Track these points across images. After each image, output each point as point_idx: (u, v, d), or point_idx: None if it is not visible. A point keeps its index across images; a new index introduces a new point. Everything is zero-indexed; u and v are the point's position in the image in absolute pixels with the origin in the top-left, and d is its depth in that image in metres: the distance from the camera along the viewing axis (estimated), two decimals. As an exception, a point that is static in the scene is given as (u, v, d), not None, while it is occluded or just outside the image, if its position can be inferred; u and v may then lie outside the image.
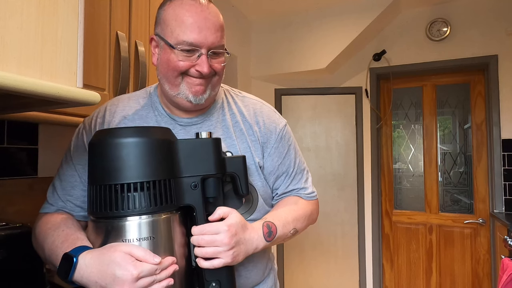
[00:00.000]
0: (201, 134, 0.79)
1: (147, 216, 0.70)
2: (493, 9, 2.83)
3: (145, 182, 0.69)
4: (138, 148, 0.70)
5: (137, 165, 0.69)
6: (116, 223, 0.70)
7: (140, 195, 0.69)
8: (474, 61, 2.88)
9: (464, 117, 3.09)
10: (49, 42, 0.61)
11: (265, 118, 0.94)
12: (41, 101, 0.69)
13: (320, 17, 3.08)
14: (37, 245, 0.83)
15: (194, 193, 0.76)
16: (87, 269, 0.66)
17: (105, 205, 0.69)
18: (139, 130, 0.73)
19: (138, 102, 0.92)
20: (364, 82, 3.24)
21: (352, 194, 3.26)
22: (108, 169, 0.69)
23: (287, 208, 0.93)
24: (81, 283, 0.67)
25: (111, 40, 1.22)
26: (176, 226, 0.75)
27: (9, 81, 0.53)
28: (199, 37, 0.79)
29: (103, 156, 0.70)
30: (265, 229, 0.83)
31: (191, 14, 0.79)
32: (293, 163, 0.98)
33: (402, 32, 3.12)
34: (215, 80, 0.86)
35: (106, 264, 0.65)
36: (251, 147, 0.90)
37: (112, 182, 0.69)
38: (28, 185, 1.27)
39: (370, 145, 3.21)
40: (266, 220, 0.86)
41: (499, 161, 2.77)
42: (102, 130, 0.76)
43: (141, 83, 1.32)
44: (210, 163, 0.77)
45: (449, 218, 3.03)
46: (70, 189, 0.86)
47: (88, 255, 0.67)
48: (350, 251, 3.24)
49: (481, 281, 2.90)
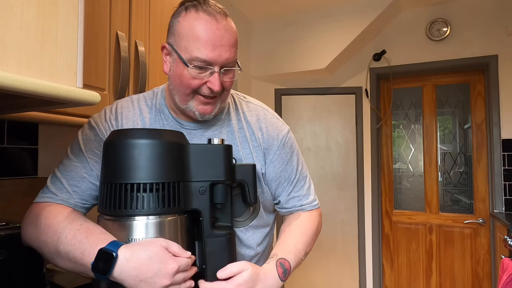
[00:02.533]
0: (213, 141, 0.80)
1: (155, 217, 0.71)
2: (493, 9, 2.83)
3: (154, 183, 0.70)
4: (150, 150, 0.71)
5: (147, 166, 0.71)
6: (124, 222, 0.71)
7: (149, 196, 0.70)
8: (474, 61, 2.88)
9: (464, 117, 3.09)
10: (49, 42, 0.61)
11: (268, 124, 0.94)
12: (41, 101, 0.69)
13: (320, 17, 3.08)
14: (39, 238, 0.77)
15: (202, 198, 0.77)
16: (128, 264, 0.66)
17: (114, 203, 0.70)
18: (153, 132, 0.75)
19: (145, 105, 0.93)
20: (364, 82, 3.24)
21: (352, 194, 3.26)
22: (120, 168, 0.71)
23: (295, 234, 0.93)
24: (118, 278, 0.67)
25: (111, 40, 1.22)
26: (182, 229, 0.76)
27: (9, 81, 0.53)
28: (213, 55, 0.78)
29: (116, 155, 0.72)
30: (280, 270, 0.83)
31: (207, 31, 0.78)
32: (296, 170, 0.97)
33: (402, 32, 3.12)
34: (224, 95, 0.87)
35: (148, 258, 0.66)
36: (253, 153, 0.91)
37: (123, 181, 0.70)
38: (28, 185, 1.27)
39: (370, 145, 3.21)
40: (278, 258, 0.84)
41: (499, 161, 2.77)
42: (117, 131, 0.77)
43: (141, 83, 1.32)
44: (220, 169, 0.78)
45: (449, 218, 3.03)
46: (79, 180, 0.83)
47: (128, 250, 0.67)
48: (350, 251, 3.24)
49: (481, 281, 2.90)
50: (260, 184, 0.92)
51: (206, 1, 0.82)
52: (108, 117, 0.91)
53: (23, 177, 1.26)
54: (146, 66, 1.34)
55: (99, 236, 0.71)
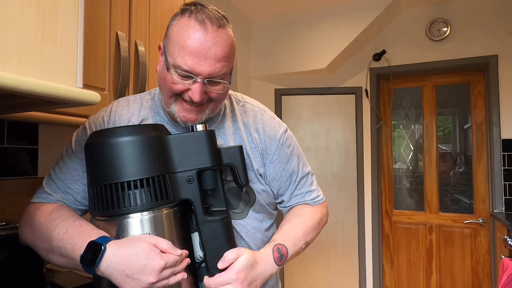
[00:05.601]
0: (196, 127, 0.79)
1: (148, 212, 0.71)
2: (493, 8, 2.83)
3: (138, 180, 0.70)
4: (130, 147, 0.71)
5: (132, 163, 0.71)
6: (118, 221, 0.71)
7: (141, 192, 0.70)
8: (474, 61, 2.88)
9: (464, 117, 3.09)
10: (49, 42, 0.61)
11: (265, 125, 0.93)
12: (41, 101, 0.69)
13: (320, 17, 3.08)
14: (33, 236, 0.79)
15: (190, 187, 0.76)
16: (115, 258, 0.67)
17: (106, 204, 0.70)
18: (130, 128, 0.74)
19: (142, 105, 0.92)
20: (364, 82, 3.24)
21: (352, 194, 3.26)
22: (105, 169, 0.70)
23: (295, 223, 0.93)
24: (106, 272, 0.67)
25: (111, 40, 1.22)
26: (177, 221, 0.76)
27: (9, 81, 0.53)
28: (196, 66, 0.76)
29: (99, 157, 0.71)
30: (276, 254, 0.84)
31: (192, 41, 0.75)
32: (297, 168, 0.97)
33: (402, 32, 3.12)
34: (212, 106, 0.83)
35: (135, 254, 0.67)
36: (250, 154, 0.90)
37: (112, 181, 0.70)
38: (28, 185, 1.27)
39: (370, 145, 3.21)
40: (276, 243, 0.85)
41: (499, 161, 2.77)
42: (96, 132, 0.77)
43: (141, 83, 1.32)
44: (205, 155, 0.77)
45: (449, 218, 3.03)
46: (72, 182, 0.84)
47: (116, 244, 0.68)
48: (350, 251, 3.24)
49: (481, 281, 2.90)
50: (260, 183, 0.92)
51: (204, 6, 0.79)
52: (102, 117, 0.90)
53: (23, 177, 1.26)
54: (146, 66, 1.34)
55: (90, 232, 0.72)
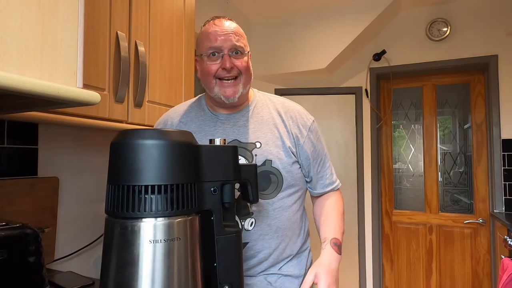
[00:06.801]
0: (215, 141, 0.82)
1: (163, 218, 0.70)
2: (493, 9, 2.84)
3: (162, 185, 0.69)
4: (157, 150, 0.70)
5: (155, 167, 0.70)
6: (131, 223, 0.70)
7: (157, 198, 0.69)
8: (474, 61, 2.88)
9: (464, 117, 3.09)
10: (49, 42, 0.61)
11: (297, 114, 1.14)
12: (41, 101, 0.69)
13: (320, 17, 3.08)
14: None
15: (214, 198, 0.77)
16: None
17: (122, 205, 0.69)
18: (160, 132, 0.73)
19: (189, 106, 1.15)
20: (364, 82, 3.24)
21: (352, 194, 3.26)
22: (127, 170, 0.70)
23: (335, 215, 1.13)
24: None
25: (111, 40, 1.22)
26: (193, 229, 0.75)
27: (9, 81, 0.53)
28: (219, 42, 1.00)
29: (122, 156, 0.71)
30: (335, 248, 1.03)
31: (214, 28, 1.02)
32: (323, 151, 1.19)
33: (402, 32, 3.12)
34: (244, 79, 1.04)
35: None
36: (283, 135, 1.06)
37: (131, 183, 0.69)
38: (28, 185, 1.26)
39: (370, 145, 3.21)
40: (330, 239, 1.05)
41: (499, 161, 2.77)
42: (124, 131, 0.76)
43: (141, 83, 1.32)
44: (230, 169, 0.80)
45: (449, 218, 3.03)
46: None
47: None
48: (350, 251, 3.24)
49: (481, 281, 2.90)
50: (289, 156, 1.06)
51: (220, 17, 1.05)
52: (160, 122, 1.17)
53: (23, 177, 1.26)
54: (146, 66, 1.34)
55: None
